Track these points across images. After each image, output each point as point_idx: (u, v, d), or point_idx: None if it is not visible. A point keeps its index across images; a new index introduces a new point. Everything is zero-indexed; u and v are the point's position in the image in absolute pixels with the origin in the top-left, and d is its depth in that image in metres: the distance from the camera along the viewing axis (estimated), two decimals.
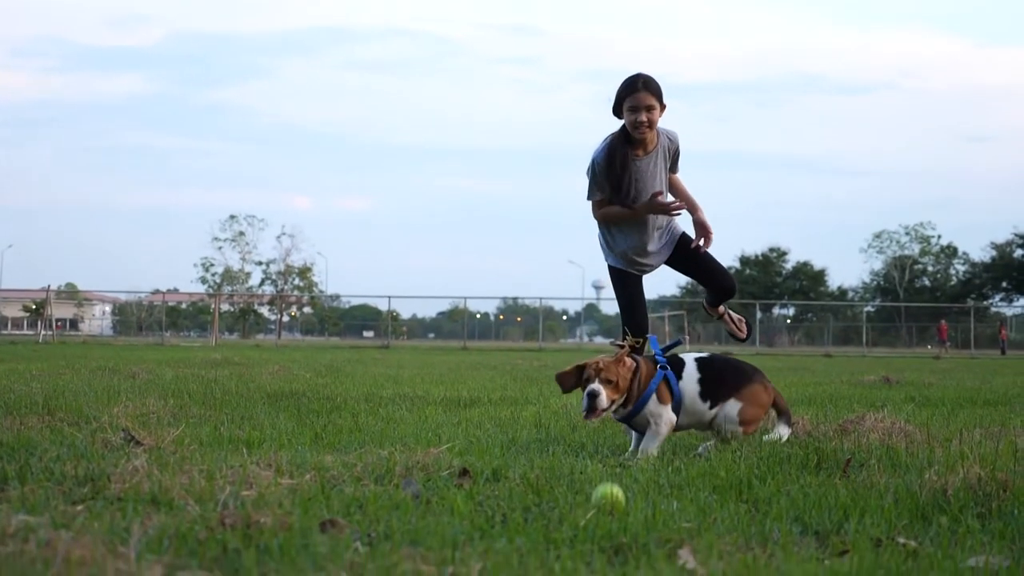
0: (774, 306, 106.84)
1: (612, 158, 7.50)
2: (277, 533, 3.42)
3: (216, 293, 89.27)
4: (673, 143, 7.69)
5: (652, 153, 7.56)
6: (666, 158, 7.65)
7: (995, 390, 14.78)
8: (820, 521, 4.23)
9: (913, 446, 6.58)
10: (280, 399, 10.17)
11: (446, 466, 5.36)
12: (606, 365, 6.17)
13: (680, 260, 7.95)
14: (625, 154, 7.48)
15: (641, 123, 7.33)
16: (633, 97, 7.34)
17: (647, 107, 7.32)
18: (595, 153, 7.59)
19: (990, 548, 3.75)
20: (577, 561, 3.26)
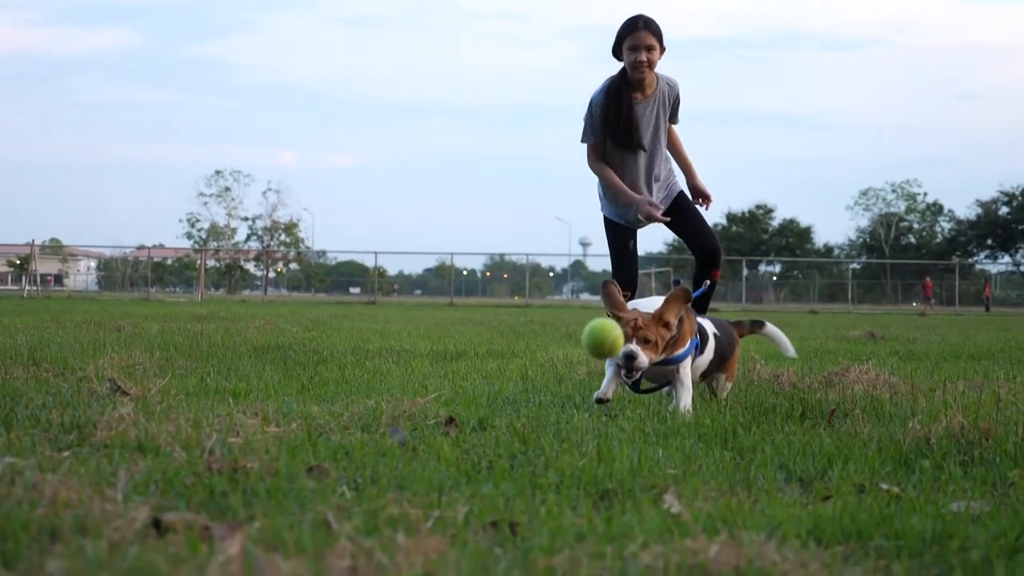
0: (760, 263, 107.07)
1: (610, 99, 7.45)
2: (264, 478, 3.43)
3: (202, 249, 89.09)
4: (673, 90, 7.63)
5: (651, 98, 7.52)
6: (665, 105, 7.60)
7: (979, 345, 14.86)
8: (804, 468, 4.25)
9: (897, 397, 6.61)
10: (266, 352, 10.16)
11: (432, 415, 5.38)
12: (645, 323, 5.70)
13: (673, 216, 7.92)
14: (624, 95, 7.44)
15: (641, 63, 7.28)
16: (633, 36, 7.29)
17: (647, 47, 7.27)
18: (593, 95, 7.55)
19: (972, 494, 3.77)
20: (563, 505, 3.27)
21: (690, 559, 2.50)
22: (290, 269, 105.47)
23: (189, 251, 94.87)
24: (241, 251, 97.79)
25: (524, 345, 12.80)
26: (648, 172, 7.68)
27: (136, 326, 14.90)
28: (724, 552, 2.52)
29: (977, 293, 77.78)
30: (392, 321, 21.72)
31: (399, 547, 2.28)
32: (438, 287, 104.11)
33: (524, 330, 17.94)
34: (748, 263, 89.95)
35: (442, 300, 65.65)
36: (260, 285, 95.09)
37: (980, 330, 22.94)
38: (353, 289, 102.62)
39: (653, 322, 5.67)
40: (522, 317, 27.79)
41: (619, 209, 7.83)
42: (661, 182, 7.82)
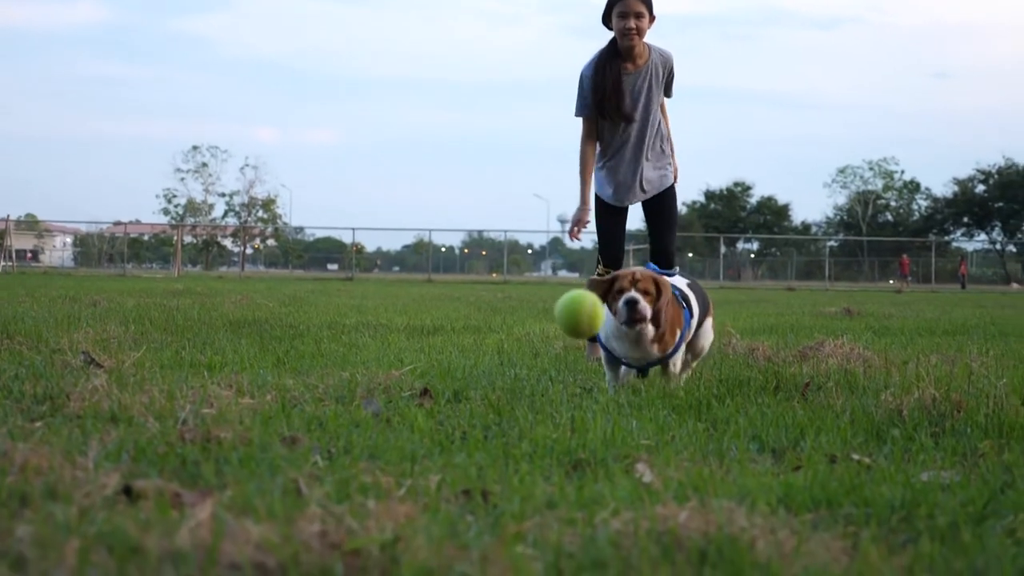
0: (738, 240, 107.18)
1: (599, 69, 7.37)
2: (236, 447, 3.43)
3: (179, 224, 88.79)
4: (667, 62, 7.51)
5: (642, 69, 7.42)
6: (658, 77, 7.48)
7: (953, 321, 14.93)
8: (777, 439, 4.27)
9: (871, 370, 6.65)
10: (242, 326, 10.14)
11: (407, 388, 5.38)
12: (643, 276, 5.62)
13: (651, 206, 7.85)
14: (613, 65, 7.36)
15: (630, 30, 7.18)
16: (623, 3, 7.19)
17: (636, 14, 7.17)
18: (584, 67, 7.48)
19: (941, 464, 3.80)
20: (535, 475, 3.28)
21: (660, 525, 2.51)
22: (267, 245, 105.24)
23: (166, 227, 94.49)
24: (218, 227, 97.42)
25: (501, 320, 12.81)
26: (638, 146, 7.57)
27: (112, 301, 14.85)
28: (693, 518, 2.54)
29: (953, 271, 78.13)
30: (369, 297, 21.70)
31: (369, 512, 2.29)
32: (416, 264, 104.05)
33: (501, 306, 17.95)
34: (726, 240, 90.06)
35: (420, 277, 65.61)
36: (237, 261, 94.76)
37: (955, 307, 23.04)
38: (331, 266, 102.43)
39: (651, 278, 5.59)
40: (499, 293, 27.79)
41: (610, 189, 7.78)
42: (655, 161, 7.69)
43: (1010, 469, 3.70)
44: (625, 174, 7.65)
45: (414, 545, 2.18)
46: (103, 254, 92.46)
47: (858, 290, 54.63)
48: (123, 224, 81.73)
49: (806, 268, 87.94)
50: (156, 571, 1.97)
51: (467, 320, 12.66)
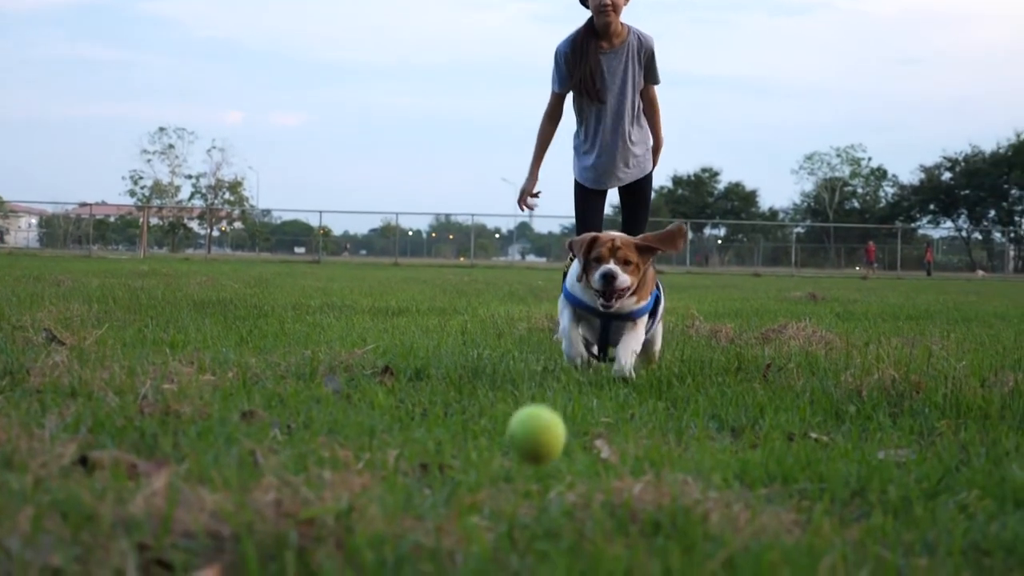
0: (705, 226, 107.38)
1: (575, 48, 7.32)
2: (195, 421, 3.43)
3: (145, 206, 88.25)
4: (645, 44, 7.40)
5: (619, 49, 7.35)
6: (637, 59, 7.39)
7: (917, 306, 15.03)
8: (736, 418, 4.30)
9: (832, 352, 6.69)
10: (206, 306, 10.11)
11: (369, 366, 5.39)
12: (624, 243, 5.25)
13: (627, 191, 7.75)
14: (589, 44, 7.31)
15: (606, 6, 7.11)
16: None
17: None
18: (560, 43, 7.43)
19: (898, 442, 3.83)
20: (494, 450, 3.29)
21: (615, 498, 2.53)
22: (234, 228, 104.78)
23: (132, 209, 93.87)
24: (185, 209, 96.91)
25: (466, 303, 12.82)
26: (616, 128, 7.44)
27: (76, 281, 14.77)
28: (648, 491, 2.55)
29: (919, 258, 78.53)
30: (336, 279, 21.65)
31: (325, 483, 2.29)
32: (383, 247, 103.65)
33: (467, 289, 17.96)
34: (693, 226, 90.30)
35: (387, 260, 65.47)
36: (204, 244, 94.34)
37: (920, 293, 23.18)
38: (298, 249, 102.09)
39: (633, 246, 5.26)
40: (466, 277, 27.79)
41: (588, 173, 7.68)
42: (634, 147, 7.57)
43: (966, 447, 3.74)
44: (603, 157, 7.54)
45: (369, 514, 2.19)
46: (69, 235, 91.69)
47: (824, 276, 54.87)
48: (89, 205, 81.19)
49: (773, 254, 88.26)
50: (109, 538, 1.97)
51: (432, 302, 12.66)
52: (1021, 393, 4.96)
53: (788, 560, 2.11)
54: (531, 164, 7.69)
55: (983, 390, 4.92)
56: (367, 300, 12.59)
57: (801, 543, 2.27)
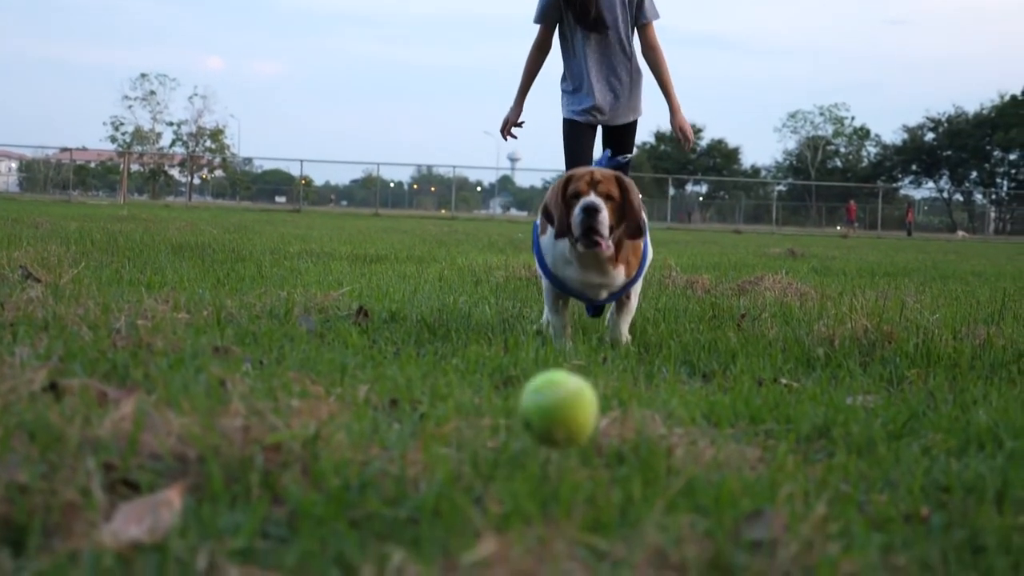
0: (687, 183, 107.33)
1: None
2: (167, 354, 3.43)
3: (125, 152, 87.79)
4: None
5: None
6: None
7: (896, 264, 15.08)
8: (708, 364, 4.32)
9: (807, 303, 6.72)
10: (185, 250, 10.10)
11: (345, 308, 5.40)
12: (605, 177, 4.58)
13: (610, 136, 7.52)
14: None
15: None
16: None
17: None
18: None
19: (868, 388, 3.86)
20: (465, 388, 3.31)
21: None
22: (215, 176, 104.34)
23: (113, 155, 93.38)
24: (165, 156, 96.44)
25: (445, 252, 12.82)
26: (603, 62, 7.22)
27: (55, 224, 14.72)
28: (614, 425, 2.57)
29: (900, 218, 78.66)
30: (315, 228, 21.62)
31: (293, 410, 2.31)
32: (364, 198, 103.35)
33: (447, 239, 17.95)
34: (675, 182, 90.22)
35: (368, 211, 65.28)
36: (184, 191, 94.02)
37: (899, 252, 23.25)
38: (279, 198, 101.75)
39: (615, 181, 4.59)
40: (446, 228, 27.76)
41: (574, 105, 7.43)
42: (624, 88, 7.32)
43: (933, 394, 3.77)
44: (589, 87, 7.30)
45: (335, 441, 2.21)
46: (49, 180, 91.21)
47: (805, 235, 54.96)
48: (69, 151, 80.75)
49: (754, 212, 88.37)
50: (76, 457, 1.99)
51: (411, 251, 12.66)
52: (992, 345, 5.00)
53: (748, 491, 2.14)
54: (517, 93, 7.50)
55: (955, 342, 4.96)
56: (346, 248, 12.58)
57: (763, 477, 2.30)
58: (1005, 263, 17.82)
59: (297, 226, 22.29)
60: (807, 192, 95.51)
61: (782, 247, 20.76)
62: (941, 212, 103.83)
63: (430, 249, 13.46)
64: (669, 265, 9.42)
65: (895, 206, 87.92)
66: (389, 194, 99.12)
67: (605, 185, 4.53)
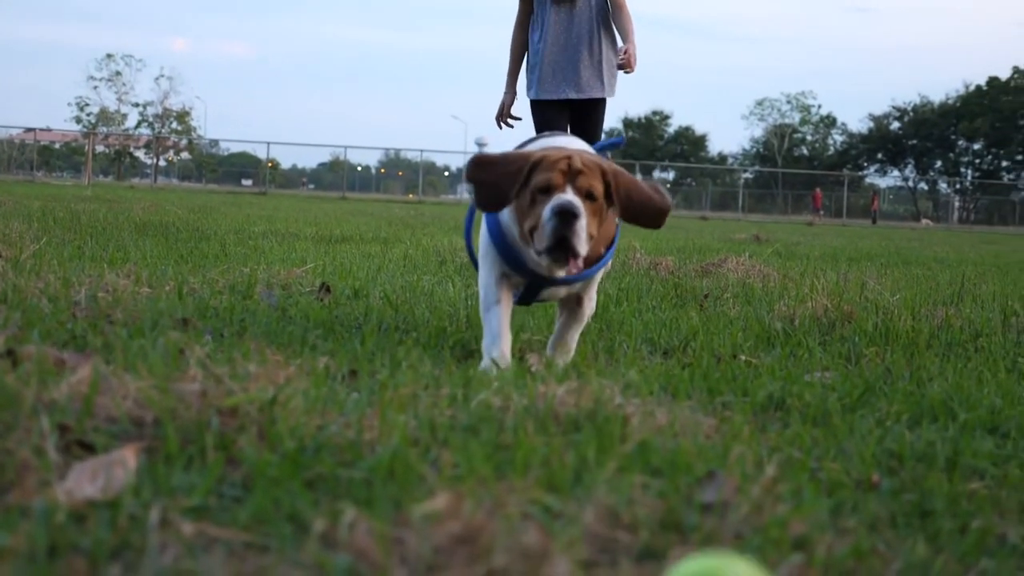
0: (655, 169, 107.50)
1: None
2: (127, 325, 3.43)
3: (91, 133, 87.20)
4: None
5: None
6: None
7: (859, 249, 15.17)
8: (669, 341, 4.34)
9: (769, 284, 6.76)
10: (149, 229, 10.05)
11: (308, 285, 5.39)
12: (587, 164, 3.39)
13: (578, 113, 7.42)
14: None
15: None
16: None
17: None
18: None
19: (826, 365, 3.90)
20: (424, 359, 3.32)
21: (538, 401, 2.56)
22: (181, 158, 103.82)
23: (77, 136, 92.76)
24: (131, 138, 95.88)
25: (411, 233, 12.81)
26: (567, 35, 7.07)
27: (17, 203, 14.61)
28: (571, 395, 2.59)
29: (865, 206, 79.03)
30: (281, 210, 21.54)
31: (251, 375, 2.31)
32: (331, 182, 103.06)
33: (413, 222, 17.93)
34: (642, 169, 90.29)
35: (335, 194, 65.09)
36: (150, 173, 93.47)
37: (863, 239, 23.37)
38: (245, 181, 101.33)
39: (599, 169, 3.42)
40: (413, 211, 27.74)
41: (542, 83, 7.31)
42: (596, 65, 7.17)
43: (890, 370, 3.81)
44: (558, 59, 7.14)
45: (292, 406, 2.21)
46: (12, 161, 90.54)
47: (771, 222, 55.17)
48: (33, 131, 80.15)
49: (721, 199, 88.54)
50: (30, 418, 1.98)
51: (377, 232, 12.64)
52: (950, 325, 5.05)
53: (702, 455, 2.16)
54: (507, 77, 7.40)
55: (914, 321, 5.00)
56: (311, 229, 12.55)
57: (717, 444, 2.32)
58: (968, 250, 17.96)
59: (263, 208, 22.21)
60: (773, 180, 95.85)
61: (747, 233, 20.84)
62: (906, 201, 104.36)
63: (396, 231, 13.45)
64: (634, 247, 9.44)
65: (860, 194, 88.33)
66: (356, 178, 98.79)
67: (587, 177, 3.37)
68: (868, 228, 48.72)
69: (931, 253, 15.31)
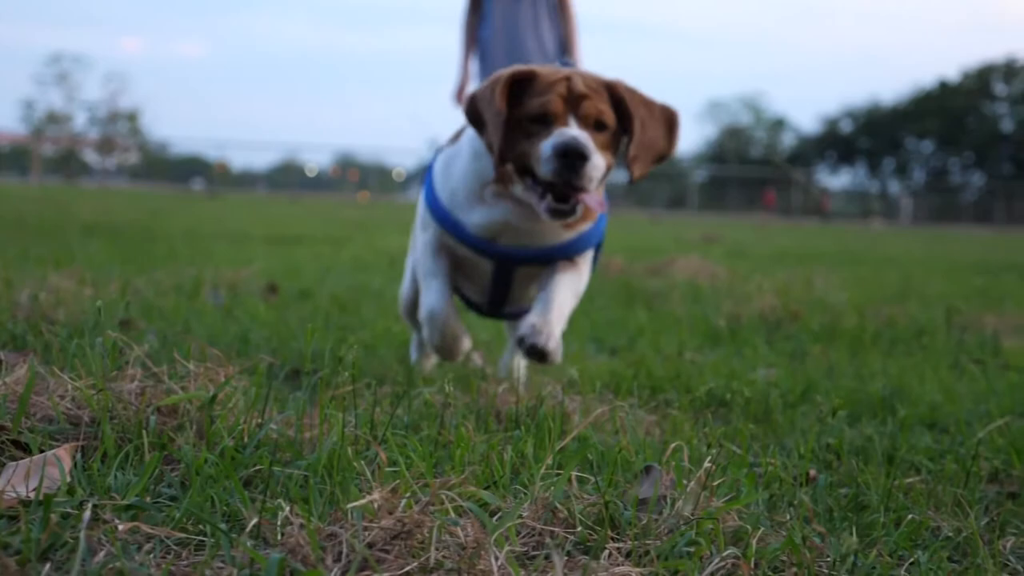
0: None
1: None
2: (69, 326, 3.40)
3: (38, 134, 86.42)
4: None
5: None
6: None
7: (809, 249, 15.27)
8: (616, 340, 4.36)
9: (717, 283, 6.79)
10: (96, 230, 9.98)
11: (255, 285, 5.37)
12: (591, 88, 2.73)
13: None
14: None
15: None
16: None
17: None
18: None
19: (770, 362, 3.92)
20: (371, 358, 3.32)
21: (480, 399, 2.57)
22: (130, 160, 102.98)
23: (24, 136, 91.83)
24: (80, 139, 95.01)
25: (363, 235, 12.79)
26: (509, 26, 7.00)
27: None
28: (512, 392, 2.59)
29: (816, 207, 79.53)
30: (233, 210, 21.47)
31: (191, 374, 2.30)
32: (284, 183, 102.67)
33: (366, 223, 17.91)
34: None
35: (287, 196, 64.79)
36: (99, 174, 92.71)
37: (814, 238, 23.52)
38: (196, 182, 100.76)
39: (605, 90, 2.79)
40: (366, 212, 27.69)
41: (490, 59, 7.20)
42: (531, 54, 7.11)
43: (834, 367, 3.84)
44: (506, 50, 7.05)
45: (232, 405, 2.21)
46: None
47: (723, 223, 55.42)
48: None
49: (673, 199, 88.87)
50: None
51: (328, 233, 12.62)
52: (894, 324, 5.10)
53: (640, 450, 2.17)
54: (461, 59, 7.33)
55: (859, 320, 5.05)
56: (262, 230, 12.51)
57: (656, 439, 2.33)
58: (917, 249, 18.10)
59: (214, 209, 22.11)
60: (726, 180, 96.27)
61: (699, 232, 20.94)
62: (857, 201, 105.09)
63: (348, 232, 13.43)
64: None
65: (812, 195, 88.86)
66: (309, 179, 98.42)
67: (593, 102, 2.71)
68: (819, 228, 49.01)
69: (880, 253, 15.43)
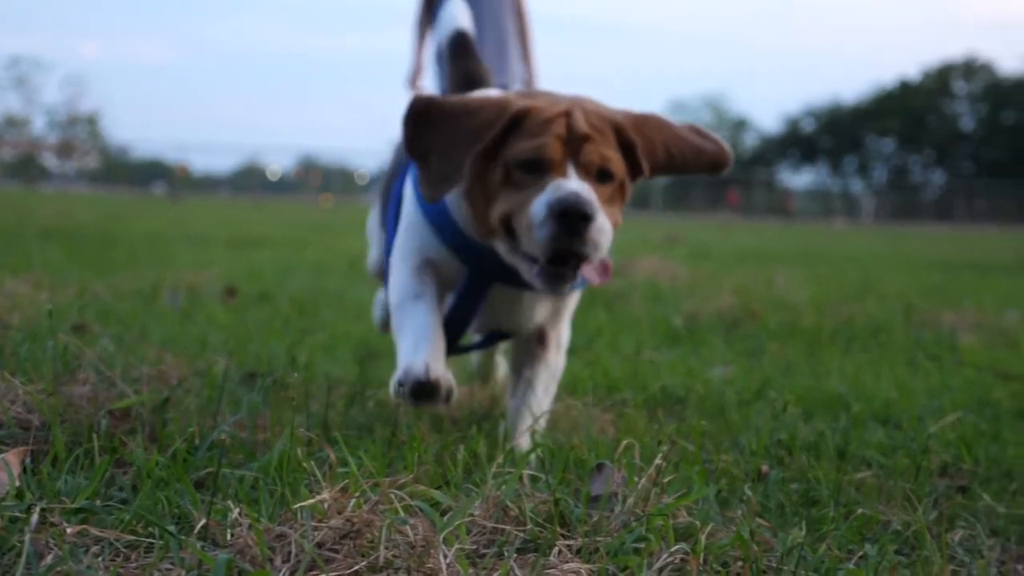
0: None
1: None
2: (23, 331, 3.37)
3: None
4: None
5: None
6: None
7: (771, 248, 15.34)
8: (575, 340, 4.36)
9: (677, 283, 6.81)
10: (55, 234, 9.91)
11: (215, 288, 5.36)
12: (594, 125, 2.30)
13: None
14: None
15: None
16: None
17: None
18: None
19: (728, 360, 3.94)
20: (327, 359, 3.31)
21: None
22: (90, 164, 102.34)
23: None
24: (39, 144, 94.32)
25: (324, 238, 12.76)
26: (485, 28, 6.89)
27: None
28: (465, 396, 2.61)
29: (779, 206, 79.89)
30: (195, 214, 21.37)
31: (144, 377, 2.30)
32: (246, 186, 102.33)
33: (328, 225, 17.86)
34: None
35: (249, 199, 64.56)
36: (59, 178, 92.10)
37: (777, 238, 23.62)
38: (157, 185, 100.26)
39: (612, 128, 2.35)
40: (328, 215, 27.63)
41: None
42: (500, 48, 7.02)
43: (791, 365, 3.87)
44: None
45: (185, 407, 2.20)
46: None
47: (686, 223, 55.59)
48: None
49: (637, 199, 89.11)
50: None
51: (290, 236, 12.59)
52: (853, 322, 5.13)
53: (593, 448, 2.18)
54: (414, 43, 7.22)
55: (818, 318, 5.08)
56: (224, 233, 12.46)
57: (610, 437, 2.34)
58: (878, 248, 18.21)
59: (175, 213, 22.00)
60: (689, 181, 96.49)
61: (663, 233, 20.98)
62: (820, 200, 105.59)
63: (309, 235, 13.40)
64: None
65: (774, 194, 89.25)
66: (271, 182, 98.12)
67: (597, 144, 2.28)
68: (782, 227, 49.24)
69: (842, 252, 15.51)
